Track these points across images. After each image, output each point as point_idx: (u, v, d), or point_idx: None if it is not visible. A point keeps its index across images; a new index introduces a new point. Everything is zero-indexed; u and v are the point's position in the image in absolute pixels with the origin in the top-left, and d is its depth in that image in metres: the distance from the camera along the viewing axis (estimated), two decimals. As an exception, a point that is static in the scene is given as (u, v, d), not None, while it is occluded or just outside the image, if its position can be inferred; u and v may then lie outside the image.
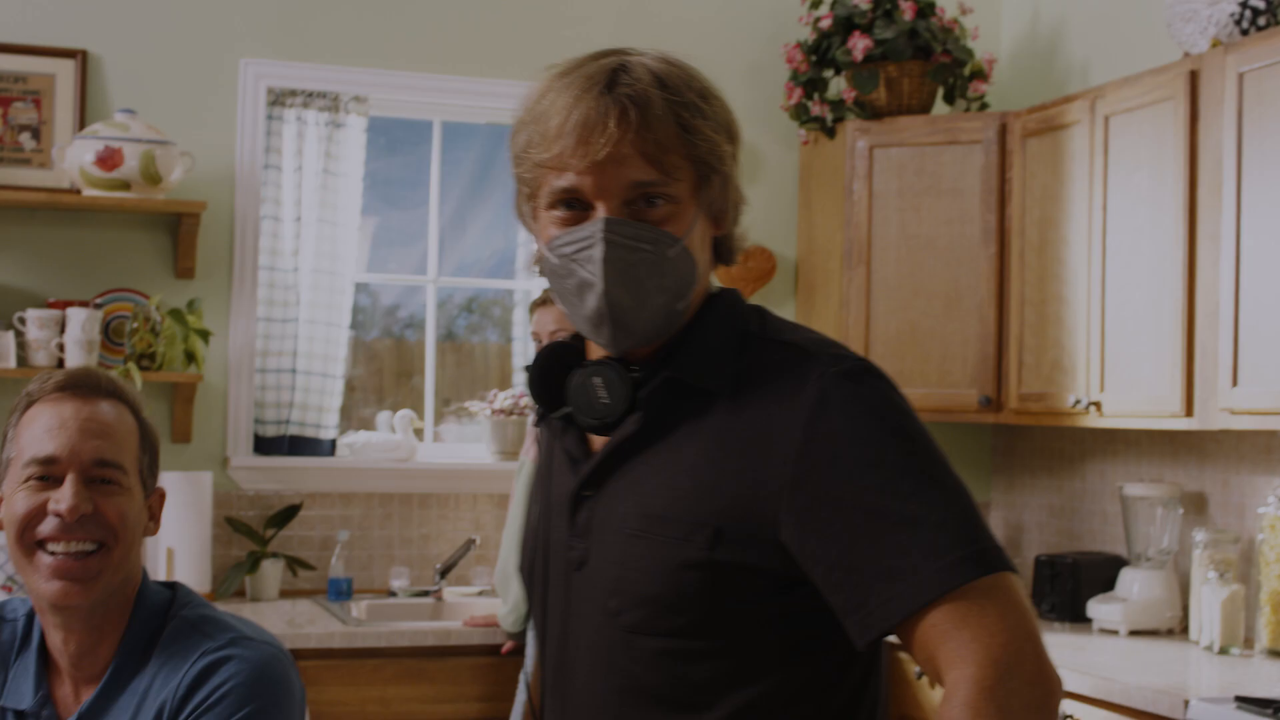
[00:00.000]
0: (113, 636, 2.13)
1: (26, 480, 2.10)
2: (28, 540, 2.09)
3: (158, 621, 2.15)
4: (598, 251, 1.69)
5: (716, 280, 1.86)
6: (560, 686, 1.83)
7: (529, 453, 4.21)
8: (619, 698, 1.74)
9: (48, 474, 2.09)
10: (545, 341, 4.23)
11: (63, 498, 2.07)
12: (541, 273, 1.81)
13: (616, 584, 1.73)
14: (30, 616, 2.19)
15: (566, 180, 1.70)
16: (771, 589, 1.68)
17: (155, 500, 2.22)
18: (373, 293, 5.53)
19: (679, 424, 1.73)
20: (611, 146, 1.67)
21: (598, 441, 1.80)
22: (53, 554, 2.08)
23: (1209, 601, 4.20)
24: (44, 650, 2.16)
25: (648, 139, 1.69)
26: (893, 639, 1.65)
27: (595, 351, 1.83)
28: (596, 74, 1.71)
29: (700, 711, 1.70)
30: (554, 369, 1.83)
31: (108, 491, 2.11)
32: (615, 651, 1.74)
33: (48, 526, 2.08)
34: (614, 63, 1.73)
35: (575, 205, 1.72)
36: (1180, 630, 4.53)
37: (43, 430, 2.10)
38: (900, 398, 1.70)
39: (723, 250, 1.83)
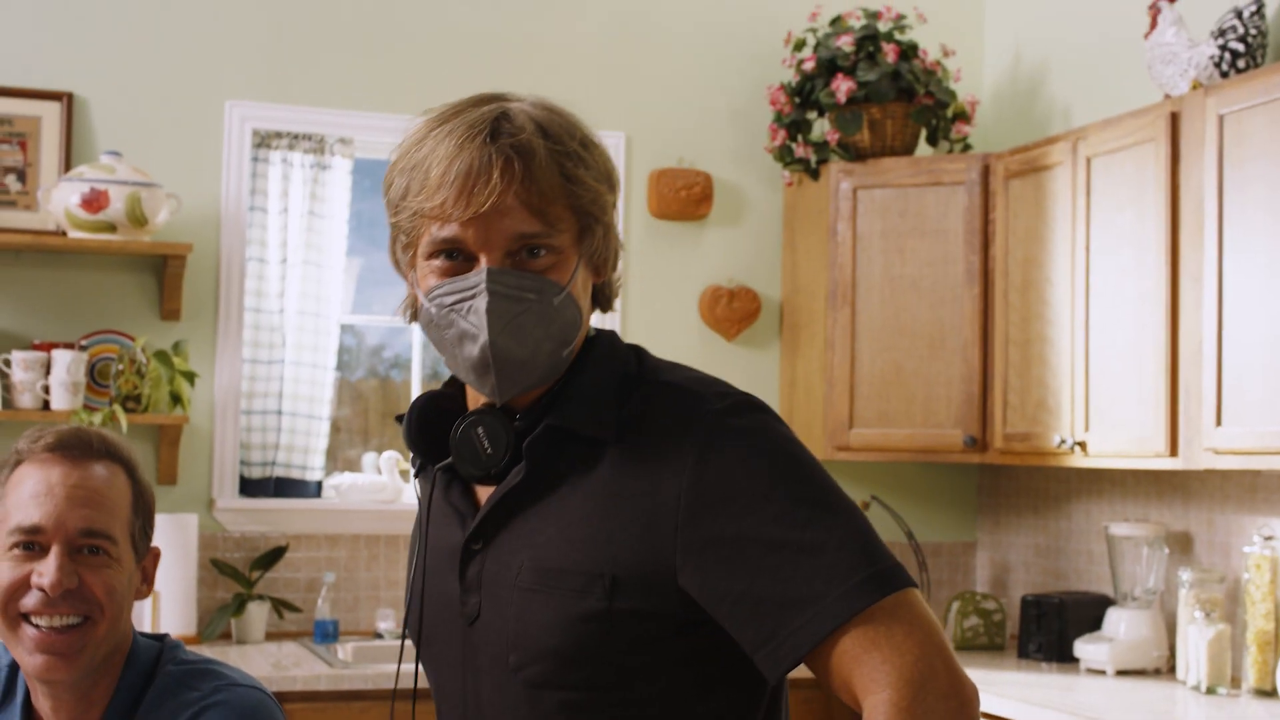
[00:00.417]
0: (101, 702, 2.09)
1: (11, 548, 2.03)
2: (11, 613, 2.03)
3: (145, 682, 2.11)
4: (481, 303, 1.66)
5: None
6: None
7: None
8: None
9: (33, 542, 2.03)
10: None
11: (46, 571, 2.01)
12: (413, 319, 1.79)
13: (516, 639, 1.69)
14: (14, 668, 2.15)
15: (448, 231, 1.67)
16: (671, 633, 1.67)
17: (149, 561, 2.16)
18: (358, 333, 5.54)
19: (565, 472, 1.71)
20: (495, 198, 1.65)
21: (483, 493, 1.78)
22: (36, 627, 2.02)
23: (1195, 641, 4.21)
24: (29, 705, 2.12)
25: (531, 190, 1.66)
26: (804, 670, 1.65)
27: (474, 400, 1.79)
28: (478, 122, 1.68)
29: None
30: (432, 419, 1.80)
31: (95, 563, 2.04)
32: (519, 707, 1.71)
33: (31, 600, 2.02)
34: (496, 110, 1.70)
35: (456, 255, 1.69)
36: (1167, 670, 4.54)
37: (29, 496, 2.04)
38: (785, 429, 1.70)
39: (602, 297, 1.80)
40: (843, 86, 5.05)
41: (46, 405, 4.65)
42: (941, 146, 5.29)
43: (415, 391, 5.41)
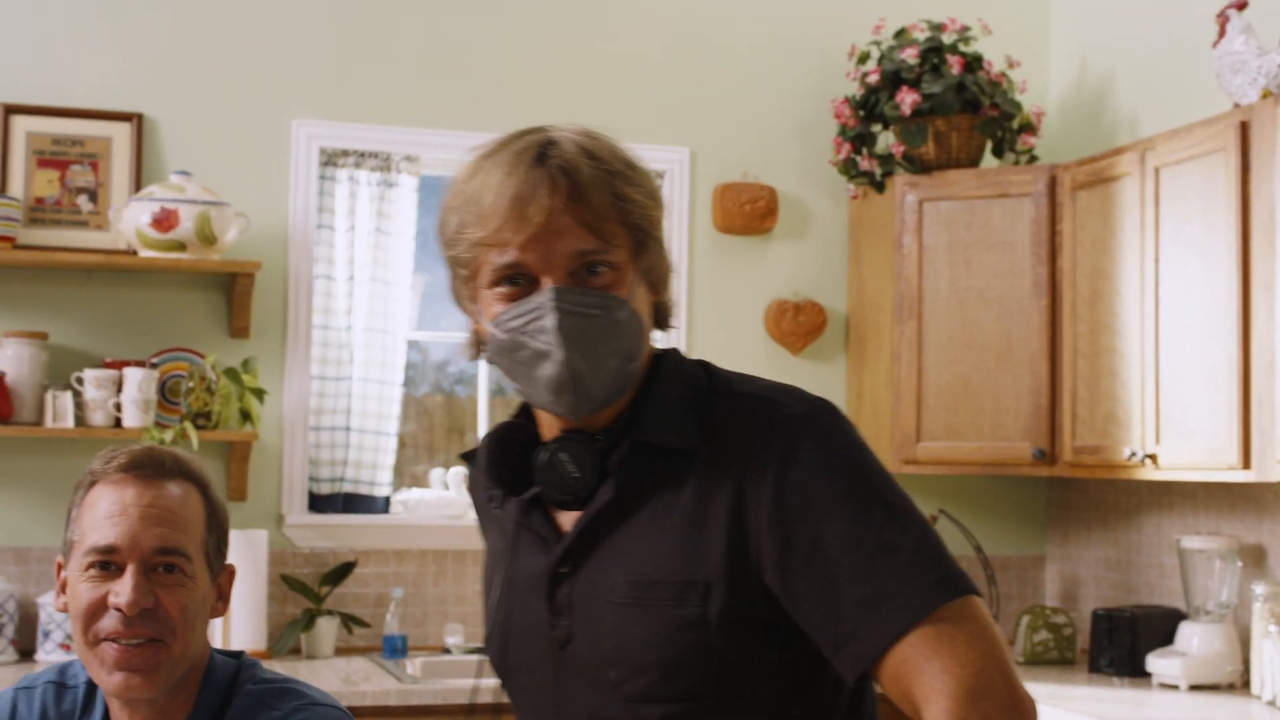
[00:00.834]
0: (179, 719, 2.10)
1: (88, 569, 2.05)
2: (92, 636, 2.04)
3: (223, 700, 2.12)
4: (550, 321, 1.69)
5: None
6: None
7: None
8: None
9: (109, 562, 2.04)
10: None
11: (123, 591, 2.02)
12: (477, 355, 1.82)
13: (615, 654, 1.72)
14: (91, 686, 2.16)
15: (508, 256, 1.71)
16: (765, 638, 1.70)
17: (224, 579, 2.17)
18: (423, 349, 5.56)
19: (651, 487, 1.74)
20: (547, 217, 1.68)
21: (565, 518, 1.80)
22: (114, 643, 2.03)
23: (1270, 655, 4.16)
24: None
25: (583, 207, 1.70)
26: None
27: (549, 427, 1.82)
28: (524, 149, 1.72)
29: None
30: (507, 450, 1.83)
31: (170, 582, 2.05)
32: None
33: (110, 621, 2.03)
34: (540, 138, 1.74)
35: (519, 281, 1.72)
36: (1241, 685, 4.49)
37: (103, 516, 2.05)
38: (858, 435, 1.74)
39: (660, 315, 1.83)
40: (907, 99, 5.03)
41: (118, 423, 4.70)
42: (1007, 158, 5.26)
43: (482, 407, 5.43)
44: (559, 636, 1.77)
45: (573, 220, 1.69)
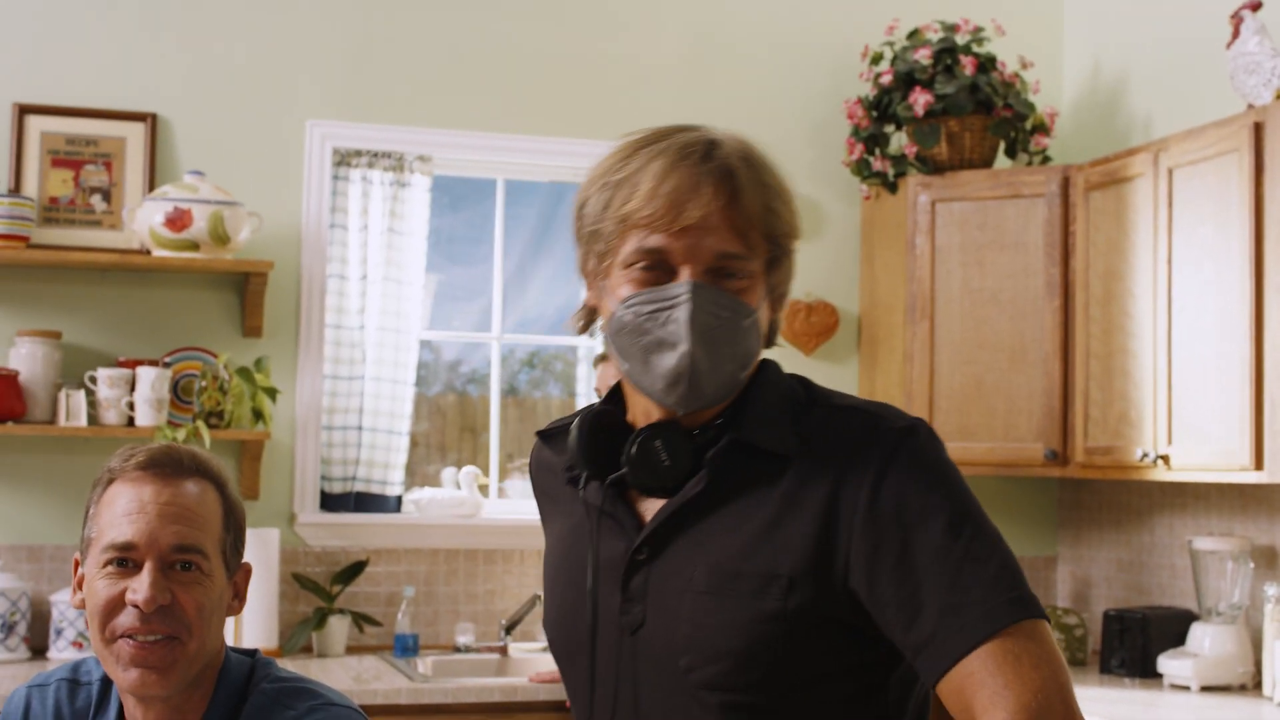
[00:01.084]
0: (194, 716, 2.11)
1: (105, 565, 2.06)
2: (109, 633, 2.05)
3: (239, 698, 2.12)
4: (683, 313, 1.73)
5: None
6: None
7: None
8: None
9: (126, 559, 2.05)
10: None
11: (140, 588, 2.03)
12: (584, 329, 1.87)
13: (688, 642, 1.74)
14: (106, 682, 2.17)
15: (654, 241, 1.74)
16: (842, 639, 1.72)
17: (240, 577, 2.18)
18: (435, 348, 5.57)
19: (743, 484, 1.77)
20: (704, 214, 1.72)
21: (646, 506, 1.82)
22: (131, 640, 2.04)
23: (1282, 657, 4.16)
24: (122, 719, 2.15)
25: (738, 212, 1.74)
26: None
27: (643, 414, 1.84)
28: (690, 144, 1.76)
29: None
30: (600, 431, 1.85)
31: (187, 579, 2.06)
32: (687, 710, 1.75)
33: (127, 618, 2.04)
34: (704, 136, 1.78)
35: (657, 267, 1.75)
36: (1253, 686, 4.48)
37: (121, 514, 2.06)
38: (950, 459, 1.78)
39: (769, 332, 1.87)
40: (920, 99, 5.03)
41: (131, 422, 4.71)
42: (1020, 159, 5.26)
43: (495, 407, 5.43)
44: (630, 623, 1.79)
45: (725, 222, 1.74)
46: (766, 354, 1.87)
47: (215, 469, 2.15)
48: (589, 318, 1.87)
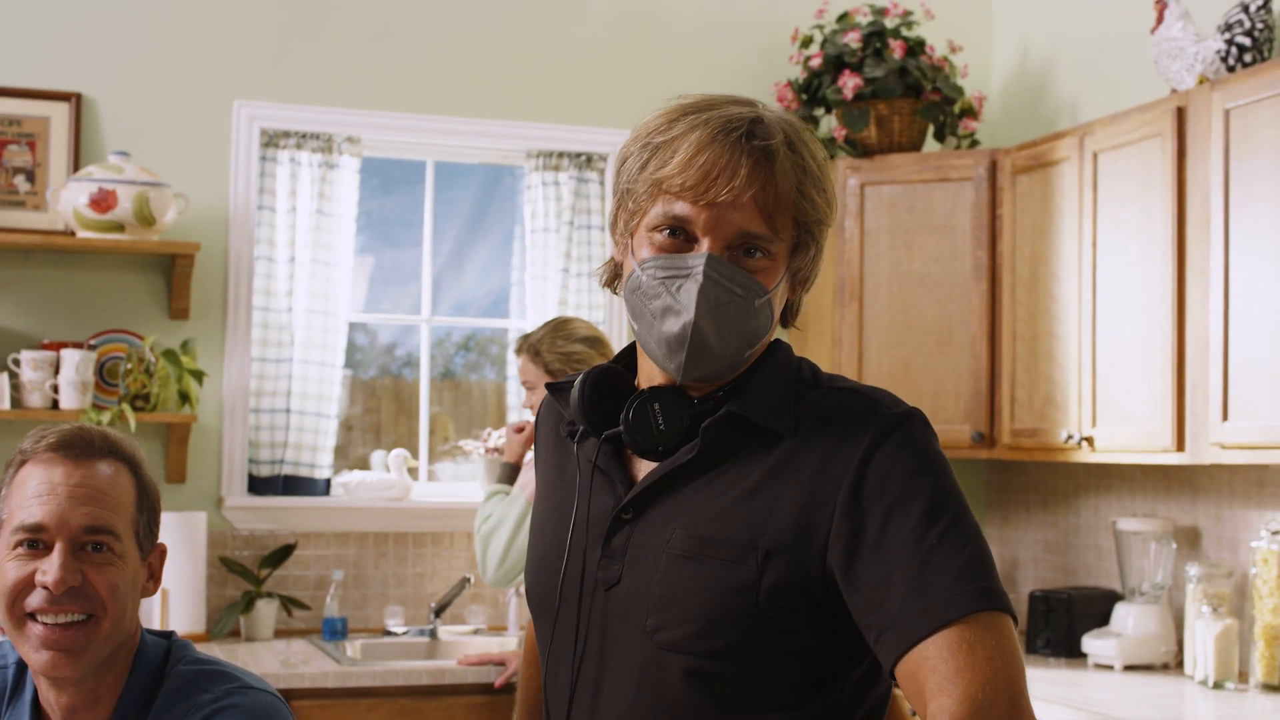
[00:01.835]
0: (109, 699, 2.10)
1: (15, 547, 2.05)
2: (17, 611, 2.04)
3: (155, 680, 2.12)
4: (694, 284, 1.75)
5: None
6: (586, 704, 1.83)
7: (527, 488, 4.19)
8: (648, 714, 1.76)
9: (36, 541, 2.04)
10: (528, 387, 4.23)
11: (50, 569, 2.02)
12: (609, 283, 1.89)
13: (659, 602, 1.76)
14: (21, 665, 2.15)
15: (681, 209, 1.76)
16: (807, 626, 1.74)
17: (155, 558, 2.17)
18: (370, 332, 5.55)
19: (734, 456, 1.79)
20: (734, 194, 1.74)
21: (640, 467, 1.85)
22: (42, 624, 2.04)
23: (1203, 636, 4.20)
24: (37, 703, 2.13)
25: (769, 194, 1.76)
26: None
27: (647, 378, 1.88)
28: (735, 120, 1.77)
29: None
30: (601, 391, 1.87)
31: (98, 561, 2.06)
32: (646, 669, 1.77)
33: (36, 598, 2.03)
34: (751, 113, 1.79)
35: (679, 234, 1.78)
36: (1175, 665, 4.53)
37: (32, 495, 2.05)
38: (939, 448, 1.79)
39: (787, 313, 1.89)
40: (850, 83, 5.05)
41: (55, 404, 4.67)
42: (949, 142, 5.29)
43: (424, 389, 5.42)
44: (607, 579, 1.81)
45: (753, 202, 1.75)
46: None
47: (128, 450, 2.14)
48: (614, 273, 1.89)
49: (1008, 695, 1.61)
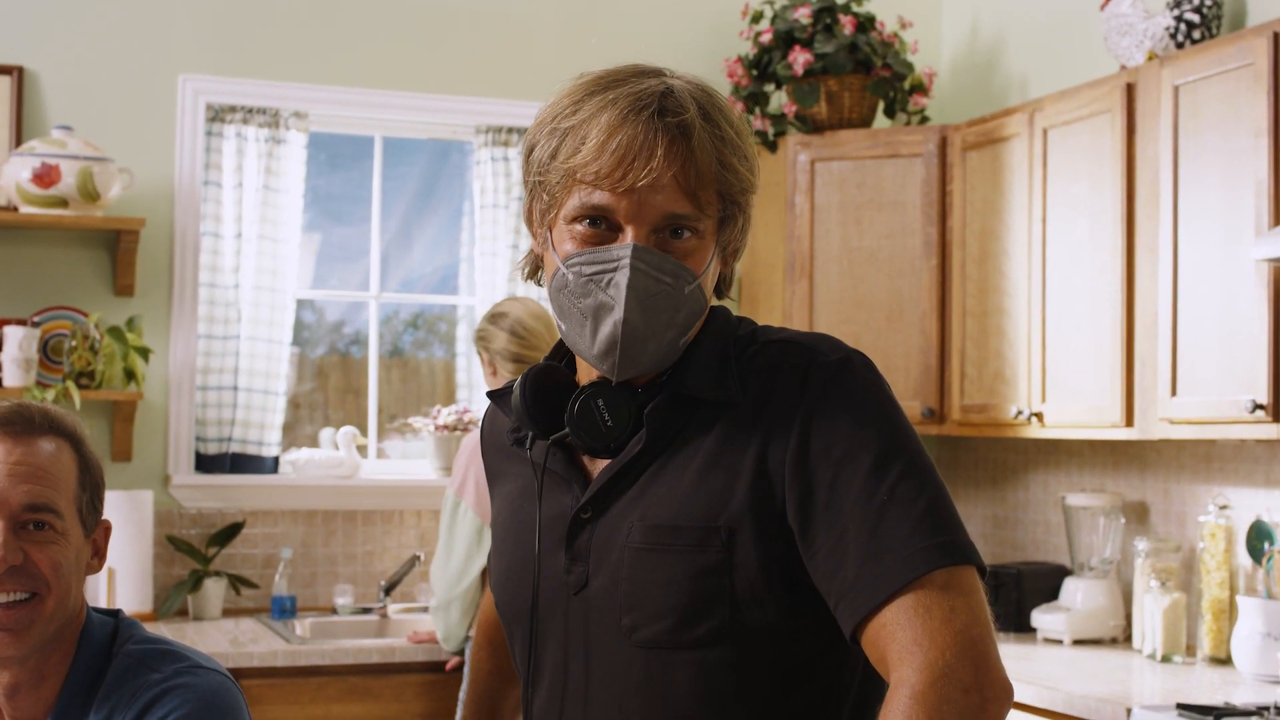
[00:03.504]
0: (55, 678, 2.08)
1: None
2: None
3: (102, 659, 2.09)
4: (623, 277, 1.67)
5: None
6: (564, 713, 1.77)
7: (462, 489, 4.17)
8: (636, 717, 1.70)
9: None
10: (489, 359, 4.23)
11: None
12: (531, 276, 1.81)
13: (629, 600, 1.69)
14: None
15: (599, 199, 1.68)
16: (785, 596, 1.66)
17: (100, 535, 2.15)
18: (318, 309, 5.51)
19: (682, 438, 1.72)
20: (653, 177, 1.66)
21: (593, 463, 1.77)
22: None
23: (1151, 610, 4.23)
24: None
25: (689, 171, 1.67)
26: None
27: (586, 373, 1.80)
28: (644, 96, 1.68)
29: None
30: (543, 391, 1.79)
31: (40, 539, 2.03)
32: (631, 670, 1.70)
33: None
34: (660, 85, 1.70)
35: (601, 223, 1.69)
36: (1124, 639, 4.56)
37: None
38: (889, 390, 1.72)
39: (721, 285, 1.81)
40: (800, 59, 5.04)
41: (-1, 382, 4.61)
42: (899, 119, 5.29)
43: (373, 366, 5.39)
44: (573, 581, 1.74)
45: (675, 182, 1.66)
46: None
47: (70, 426, 2.11)
48: (535, 265, 1.81)
49: (971, 657, 1.53)
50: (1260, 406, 3.71)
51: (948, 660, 1.53)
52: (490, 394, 1.90)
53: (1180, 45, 4.18)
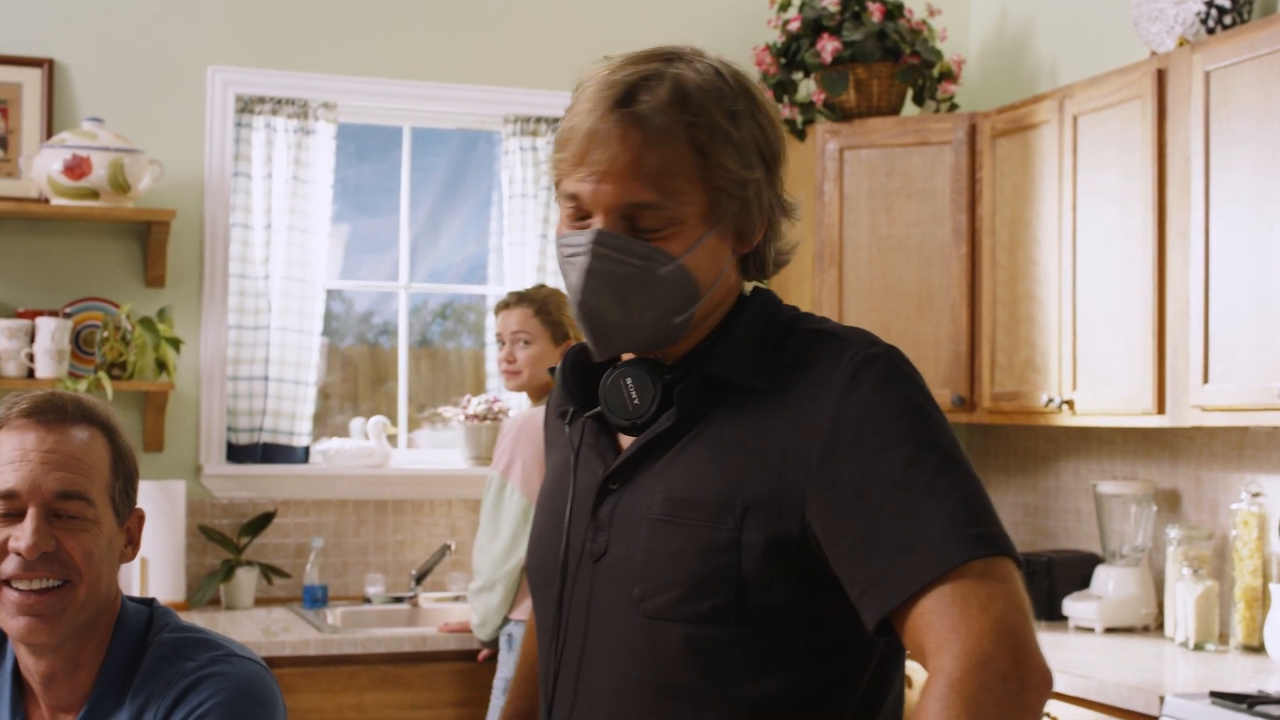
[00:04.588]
0: (90, 666, 2.09)
1: None
2: None
3: (137, 648, 2.10)
4: (582, 262, 1.72)
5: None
6: (573, 679, 1.80)
7: (508, 470, 4.19)
8: (637, 687, 1.72)
9: (9, 509, 2.03)
10: (508, 343, 4.29)
11: (22, 536, 2.01)
12: None
13: (642, 570, 1.72)
14: (1, 634, 2.14)
15: (572, 186, 1.73)
16: (794, 580, 1.67)
17: (133, 523, 2.15)
18: (347, 300, 5.52)
19: (711, 418, 1.74)
20: (607, 165, 1.69)
21: (626, 440, 1.81)
22: (17, 590, 2.02)
23: (1183, 598, 4.21)
24: (18, 673, 2.12)
25: (648, 161, 1.69)
26: None
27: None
28: (616, 85, 1.71)
29: (717, 704, 1.69)
30: (585, 368, 1.84)
31: (72, 527, 2.04)
32: (637, 640, 1.72)
33: (10, 565, 2.01)
34: (640, 73, 1.72)
35: (580, 210, 1.74)
36: (1155, 627, 4.55)
37: (4, 462, 2.03)
38: (924, 385, 1.72)
39: (756, 263, 1.81)
40: (828, 47, 5.03)
41: (31, 373, 4.64)
42: (928, 106, 5.27)
43: (403, 356, 5.40)
44: (595, 550, 1.77)
45: (633, 171, 1.69)
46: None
47: (102, 414, 2.12)
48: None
49: (1009, 644, 1.52)
50: (1293, 393, 3.69)
51: (985, 648, 1.52)
52: (551, 370, 1.95)
53: (1211, 31, 4.16)
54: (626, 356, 1.82)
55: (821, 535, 1.65)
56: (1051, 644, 4.35)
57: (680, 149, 1.70)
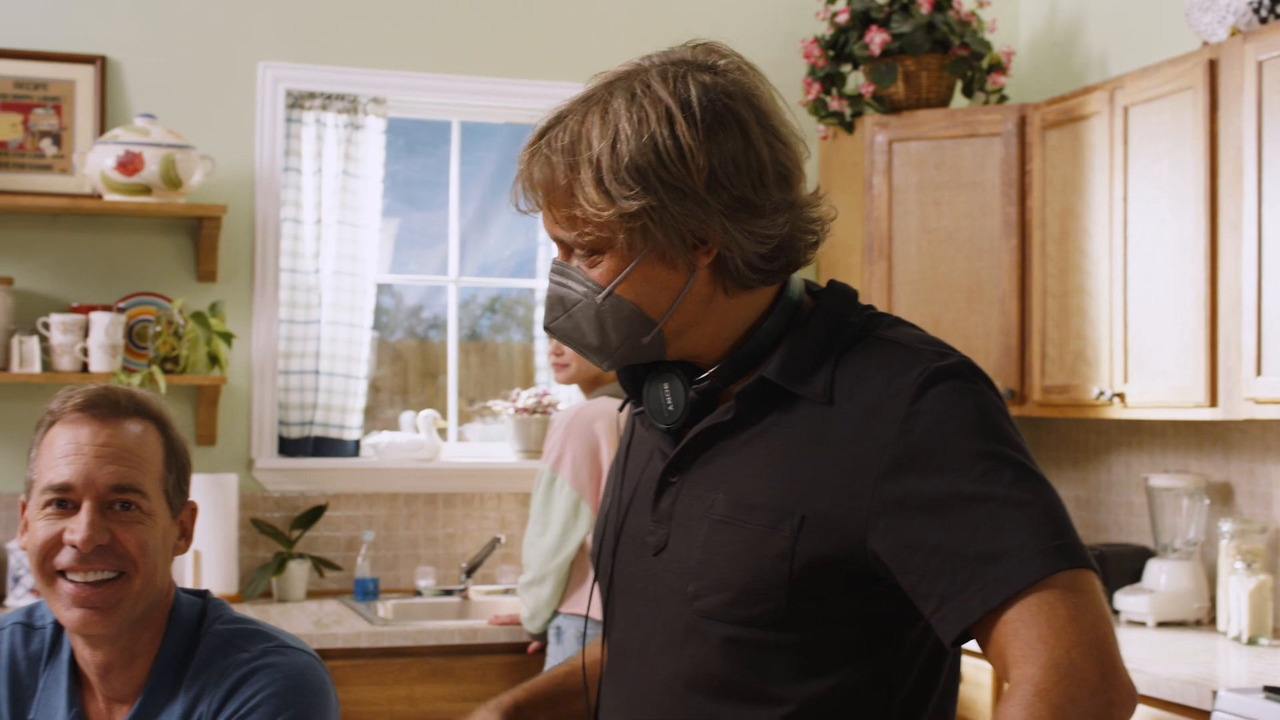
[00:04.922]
0: (145, 657, 2.11)
1: (45, 506, 2.06)
2: (48, 570, 2.06)
3: (191, 639, 2.12)
4: (547, 287, 1.80)
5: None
6: (623, 668, 1.82)
7: (559, 464, 4.20)
8: (685, 684, 1.73)
9: (65, 500, 2.05)
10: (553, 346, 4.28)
11: (78, 528, 2.03)
12: None
13: (699, 568, 1.72)
14: (58, 626, 2.16)
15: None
16: (847, 586, 1.67)
17: (187, 516, 2.18)
18: (396, 294, 5.55)
19: (775, 420, 1.74)
20: (537, 200, 1.75)
21: (689, 431, 1.83)
22: (72, 582, 2.04)
23: (1236, 592, 4.19)
24: (74, 664, 2.14)
25: (555, 198, 1.73)
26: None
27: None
28: (546, 120, 1.75)
29: (765, 704, 1.70)
30: (635, 367, 1.85)
31: (126, 519, 2.06)
32: (688, 636, 1.73)
33: (65, 557, 2.04)
34: (565, 110, 1.75)
35: None
36: (1208, 621, 4.52)
37: (59, 455, 2.06)
38: (997, 397, 1.69)
39: (729, 279, 1.74)
40: (877, 39, 5.02)
41: (85, 368, 4.68)
42: (977, 98, 5.25)
43: (452, 349, 5.43)
44: (654, 543, 1.79)
45: (550, 206, 1.74)
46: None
47: (155, 408, 2.14)
48: None
49: (1097, 657, 1.52)
50: (1347, 385, 3.66)
51: (1074, 659, 1.52)
52: None
53: (1264, 20, 4.13)
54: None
55: (887, 550, 1.63)
56: (1103, 638, 4.32)
57: (576, 189, 1.70)
